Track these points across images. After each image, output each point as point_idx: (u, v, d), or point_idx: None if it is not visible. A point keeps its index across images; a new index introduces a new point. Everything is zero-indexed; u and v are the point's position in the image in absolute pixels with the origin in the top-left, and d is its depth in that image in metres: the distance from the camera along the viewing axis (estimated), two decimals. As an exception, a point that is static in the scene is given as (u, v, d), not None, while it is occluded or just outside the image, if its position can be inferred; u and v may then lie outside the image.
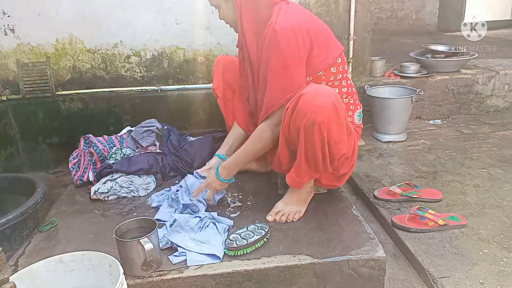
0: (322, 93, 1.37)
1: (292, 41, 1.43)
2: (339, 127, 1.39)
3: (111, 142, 2.18)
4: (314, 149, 1.41)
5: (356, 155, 1.60)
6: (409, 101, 2.55)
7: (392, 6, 6.15)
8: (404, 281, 1.48)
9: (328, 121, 1.35)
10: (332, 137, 1.39)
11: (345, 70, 1.59)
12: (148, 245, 1.25)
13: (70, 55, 2.53)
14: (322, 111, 1.34)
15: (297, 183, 1.56)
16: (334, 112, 1.36)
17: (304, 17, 1.52)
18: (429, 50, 3.23)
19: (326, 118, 1.35)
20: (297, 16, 1.50)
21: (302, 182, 1.56)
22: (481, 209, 1.77)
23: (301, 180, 1.54)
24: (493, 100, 3.07)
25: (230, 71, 1.92)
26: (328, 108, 1.35)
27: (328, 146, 1.40)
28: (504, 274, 1.38)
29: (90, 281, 1.21)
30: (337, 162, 1.49)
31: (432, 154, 2.37)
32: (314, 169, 1.49)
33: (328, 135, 1.37)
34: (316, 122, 1.34)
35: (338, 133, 1.40)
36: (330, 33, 1.58)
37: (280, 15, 1.46)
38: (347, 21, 2.71)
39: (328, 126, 1.36)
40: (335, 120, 1.37)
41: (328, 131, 1.37)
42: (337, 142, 1.41)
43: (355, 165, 1.64)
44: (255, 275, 1.34)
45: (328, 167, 1.48)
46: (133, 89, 2.61)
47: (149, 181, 1.94)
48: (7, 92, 2.52)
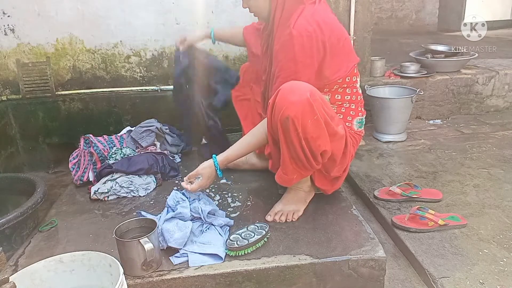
0: (297, 89, 1.37)
1: (307, 48, 1.42)
2: (315, 123, 1.38)
3: (111, 142, 2.18)
4: (293, 145, 1.40)
5: (348, 159, 1.59)
6: (409, 101, 2.55)
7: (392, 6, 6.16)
8: (404, 281, 1.48)
9: (302, 116, 1.35)
10: (308, 133, 1.38)
11: (353, 81, 1.58)
12: (148, 245, 1.25)
13: (70, 55, 2.54)
14: (295, 106, 1.34)
15: (286, 181, 1.55)
16: (309, 107, 1.35)
17: (325, 25, 1.44)
18: (429, 50, 3.23)
19: (299, 113, 1.34)
20: (316, 23, 1.44)
21: (291, 179, 1.54)
22: (481, 209, 1.77)
23: (289, 177, 1.52)
24: (493, 100, 3.07)
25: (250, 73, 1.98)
26: (301, 104, 1.34)
27: (306, 142, 1.39)
28: (504, 274, 1.38)
29: (90, 281, 1.21)
30: (320, 158, 1.47)
31: (432, 154, 2.37)
32: (300, 166, 1.47)
33: (303, 130, 1.37)
34: (290, 117, 1.34)
35: (314, 129, 1.38)
36: (347, 45, 1.54)
37: (300, 18, 1.43)
38: (347, 21, 2.71)
39: (302, 121, 1.35)
40: (309, 116, 1.36)
41: (302, 126, 1.36)
42: (314, 138, 1.40)
43: (348, 169, 1.64)
44: (255, 275, 1.34)
45: (312, 163, 1.46)
46: (133, 89, 2.62)
47: (149, 181, 1.94)
48: (7, 92, 2.53)
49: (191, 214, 1.51)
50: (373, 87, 2.73)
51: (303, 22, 1.42)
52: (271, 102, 1.40)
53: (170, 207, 1.55)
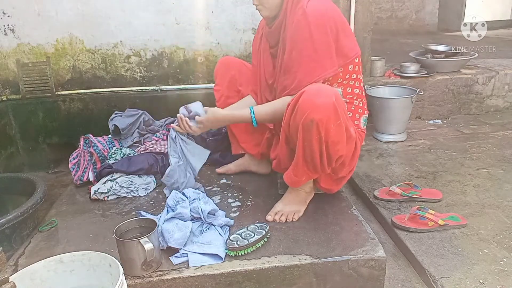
0: (324, 92, 1.37)
1: (322, 25, 1.43)
2: (338, 128, 1.38)
3: (111, 142, 2.18)
4: (312, 148, 1.40)
5: (356, 160, 1.60)
6: (409, 101, 2.55)
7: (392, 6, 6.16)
8: (404, 281, 1.48)
9: (327, 120, 1.35)
10: (331, 137, 1.38)
11: (359, 71, 1.59)
12: (148, 245, 1.25)
13: (70, 55, 2.54)
14: (322, 110, 1.34)
15: (294, 182, 1.55)
16: (334, 112, 1.35)
17: (332, 8, 1.50)
18: (429, 50, 3.23)
19: (325, 117, 1.34)
20: (327, 5, 1.48)
21: (299, 181, 1.55)
22: (481, 209, 1.76)
23: (298, 179, 1.53)
24: (493, 100, 3.07)
25: (236, 70, 1.90)
26: (328, 107, 1.34)
27: (326, 146, 1.40)
28: (504, 274, 1.38)
29: (90, 281, 1.21)
30: (335, 163, 1.48)
31: (432, 154, 2.37)
32: (312, 169, 1.48)
33: (326, 134, 1.37)
34: (315, 121, 1.34)
35: (336, 134, 1.39)
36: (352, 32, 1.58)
37: (311, 1, 1.45)
38: (347, 21, 2.71)
39: (326, 125, 1.35)
40: (334, 120, 1.36)
41: (326, 130, 1.36)
42: (335, 143, 1.40)
43: (354, 170, 1.64)
44: (255, 275, 1.34)
45: (325, 167, 1.47)
46: (133, 89, 2.62)
47: (149, 181, 1.94)
48: (7, 92, 2.52)
49: (191, 214, 1.52)
50: (373, 87, 2.73)
51: (315, 2, 1.44)
52: (293, 103, 1.39)
53: (170, 207, 1.55)
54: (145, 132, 2.31)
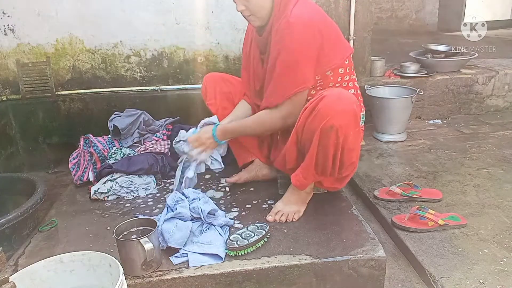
0: (345, 98, 1.37)
1: (305, 35, 1.41)
2: (356, 135, 1.39)
3: (111, 142, 2.18)
4: (326, 153, 1.41)
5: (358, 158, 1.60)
6: (409, 101, 2.55)
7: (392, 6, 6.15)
8: (404, 281, 1.48)
9: (347, 127, 1.35)
10: (348, 143, 1.38)
11: (352, 71, 1.59)
12: (148, 245, 1.25)
13: (70, 55, 2.53)
14: (343, 116, 1.34)
15: (303, 184, 1.56)
16: (354, 119, 1.36)
17: (317, 14, 1.48)
18: (429, 50, 3.23)
19: (345, 123, 1.34)
20: (311, 12, 1.46)
21: (307, 184, 1.57)
22: (481, 209, 1.76)
23: (307, 181, 1.55)
24: (493, 100, 3.07)
25: (224, 82, 1.89)
26: (349, 114, 1.34)
27: (341, 152, 1.40)
28: (504, 274, 1.38)
29: (90, 281, 1.21)
30: (345, 169, 1.50)
31: (432, 154, 2.37)
32: (321, 172, 1.50)
33: (344, 141, 1.37)
34: (335, 126, 1.34)
35: (354, 141, 1.40)
36: (340, 34, 1.56)
37: (295, 8, 1.43)
38: (347, 21, 2.71)
39: (346, 132, 1.35)
40: (353, 127, 1.37)
41: (345, 136, 1.36)
42: (351, 150, 1.41)
43: (356, 167, 1.64)
44: (255, 275, 1.34)
45: (335, 172, 1.49)
46: (133, 89, 2.62)
47: (149, 181, 1.94)
48: (7, 92, 2.52)
49: (190, 214, 1.51)
50: (373, 87, 2.73)
51: (298, 11, 1.43)
52: (310, 107, 1.39)
53: (169, 207, 1.55)
54: (145, 132, 2.31)
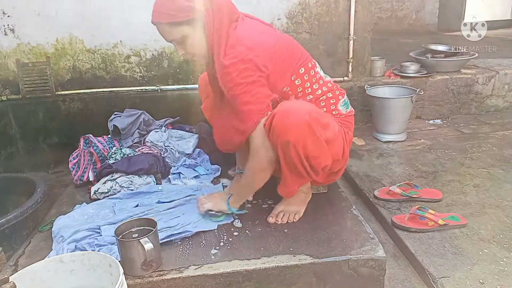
0: (294, 111, 1.35)
1: (244, 70, 1.36)
2: (316, 143, 1.37)
3: (111, 142, 2.18)
4: (293, 165, 1.42)
5: (347, 151, 1.56)
6: (409, 101, 2.55)
7: (392, 6, 6.15)
8: (404, 281, 1.48)
9: (303, 139, 1.35)
10: (310, 153, 1.38)
11: (311, 75, 1.52)
12: (148, 245, 1.25)
13: (70, 55, 2.53)
14: (296, 131, 1.33)
15: (288, 193, 1.57)
16: (308, 129, 1.34)
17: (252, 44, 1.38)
18: (429, 50, 3.23)
19: (300, 137, 1.34)
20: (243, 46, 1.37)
21: (293, 191, 1.56)
22: (481, 209, 1.76)
23: (290, 189, 1.55)
24: (493, 100, 3.07)
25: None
26: (301, 127, 1.33)
27: (307, 160, 1.40)
28: (504, 274, 1.38)
29: (90, 281, 1.21)
30: (322, 171, 1.49)
31: (432, 154, 2.37)
32: (301, 178, 1.49)
33: (305, 152, 1.37)
34: (291, 142, 1.34)
35: (315, 149, 1.38)
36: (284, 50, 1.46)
37: (227, 46, 1.38)
38: (347, 21, 2.71)
39: (303, 144, 1.35)
40: (310, 137, 1.35)
41: (304, 148, 1.36)
42: (316, 157, 1.40)
43: (348, 159, 1.61)
44: (255, 275, 1.34)
45: (313, 176, 1.48)
46: (133, 89, 2.62)
47: (149, 181, 1.94)
48: (7, 92, 2.52)
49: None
50: (373, 87, 2.73)
51: (231, 51, 1.37)
52: (267, 125, 1.38)
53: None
54: (145, 132, 2.31)
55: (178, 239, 1.48)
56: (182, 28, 1.40)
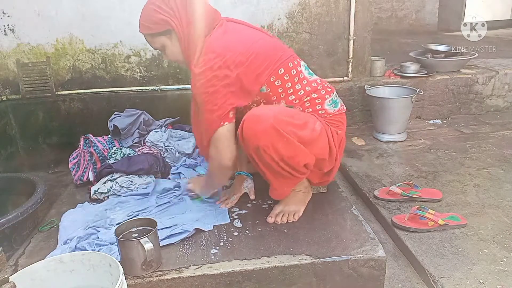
0: (260, 117, 1.37)
1: (212, 78, 1.38)
2: (287, 144, 1.38)
3: (111, 142, 2.18)
4: (271, 167, 1.43)
5: (337, 150, 1.56)
6: (409, 101, 2.55)
7: (392, 6, 6.15)
8: (404, 281, 1.48)
9: (272, 143, 1.36)
10: (284, 154, 1.39)
11: (293, 75, 1.50)
12: (148, 245, 1.25)
13: (70, 55, 2.53)
14: (263, 136, 1.35)
15: (279, 194, 1.58)
16: (275, 132, 1.35)
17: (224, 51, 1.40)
18: (429, 50, 3.23)
19: (268, 141, 1.36)
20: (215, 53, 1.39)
21: (284, 192, 1.57)
22: (481, 209, 1.77)
23: (280, 191, 1.56)
24: (493, 100, 3.07)
25: None
26: (268, 132, 1.35)
27: (283, 162, 1.41)
28: (504, 274, 1.38)
29: (90, 281, 1.21)
30: (305, 169, 1.48)
31: (432, 154, 2.37)
32: (288, 179, 1.49)
33: (278, 154, 1.38)
34: (261, 147, 1.37)
35: (288, 150, 1.39)
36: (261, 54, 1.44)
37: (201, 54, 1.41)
38: (347, 21, 2.71)
39: (273, 147, 1.37)
40: (279, 139, 1.36)
41: (275, 151, 1.37)
42: (292, 157, 1.41)
43: (339, 158, 1.61)
44: (255, 275, 1.34)
45: (298, 175, 1.49)
46: (133, 89, 2.62)
47: (149, 181, 1.93)
48: (7, 92, 2.52)
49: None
50: (373, 87, 2.73)
51: (202, 58, 1.40)
52: (239, 131, 1.41)
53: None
54: (145, 132, 2.31)
55: (178, 241, 1.47)
56: (160, 39, 1.49)
